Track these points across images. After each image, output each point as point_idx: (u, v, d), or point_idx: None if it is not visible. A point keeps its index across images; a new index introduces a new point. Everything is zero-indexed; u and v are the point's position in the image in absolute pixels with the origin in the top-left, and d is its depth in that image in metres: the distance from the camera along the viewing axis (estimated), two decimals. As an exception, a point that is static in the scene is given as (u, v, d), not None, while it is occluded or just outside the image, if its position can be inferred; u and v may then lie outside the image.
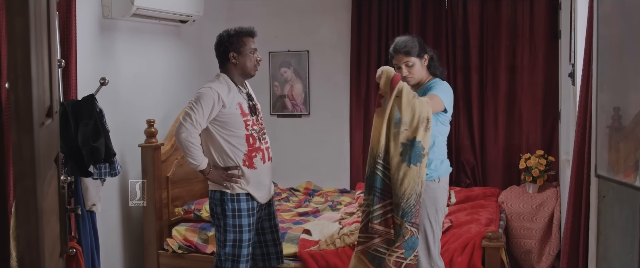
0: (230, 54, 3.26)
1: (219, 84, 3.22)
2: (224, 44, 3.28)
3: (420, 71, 3.24)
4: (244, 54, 3.27)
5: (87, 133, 3.13)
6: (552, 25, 4.87)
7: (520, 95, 5.01)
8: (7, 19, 1.23)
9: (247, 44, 3.28)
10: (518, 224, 4.48)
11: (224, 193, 3.23)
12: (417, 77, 3.25)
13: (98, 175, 3.31)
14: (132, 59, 4.30)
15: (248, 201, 3.24)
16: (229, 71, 3.29)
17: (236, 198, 3.23)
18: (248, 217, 3.24)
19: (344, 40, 5.32)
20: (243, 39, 3.27)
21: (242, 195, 3.23)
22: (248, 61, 3.28)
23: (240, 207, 3.23)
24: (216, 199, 3.26)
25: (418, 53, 3.22)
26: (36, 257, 1.28)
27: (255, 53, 3.31)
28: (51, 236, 1.64)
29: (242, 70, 3.29)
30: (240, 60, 3.27)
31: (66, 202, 2.18)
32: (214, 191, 3.27)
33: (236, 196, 3.22)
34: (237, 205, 3.23)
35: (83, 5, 3.68)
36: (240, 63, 3.27)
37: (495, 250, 3.67)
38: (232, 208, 3.22)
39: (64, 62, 3.16)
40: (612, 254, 2.47)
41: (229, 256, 3.23)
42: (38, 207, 1.29)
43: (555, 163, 4.76)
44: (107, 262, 3.92)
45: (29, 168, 1.26)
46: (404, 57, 3.21)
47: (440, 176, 3.18)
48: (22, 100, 1.25)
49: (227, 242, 3.23)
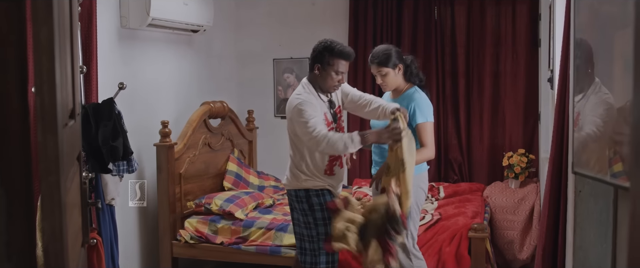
0: (317, 66, 3.10)
1: (307, 95, 3.06)
2: (317, 53, 3.11)
3: (394, 79, 3.27)
4: (328, 73, 3.07)
5: (106, 133, 3.13)
6: (532, 34, 4.88)
7: (503, 99, 5.02)
8: (33, 29, 1.23)
9: (336, 64, 3.06)
10: (501, 217, 4.49)
11: (308, 190, 3.08)
12: (391, 85, 3.28)
13: (116, 171, 3.31)
14: (148, 66, 4.30)
15: (331, 194, 3.12)
16: (313, 78, 3.14)
17: (320, 193, 3.09)
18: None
19: (342, 48, 5.32)
20: (335, 59, 3.06)
21: (324, 190, 3.10)
22: (329, 80, 3.08)
23: (325, 200, 3.08)
24: (301, 197, 3.10)
25: (392, 63, 3.23)
26: (60, 247, 1.28)
27: (340, 75, 3.09)
28: (74, 227, 1.64)
29: (321, 85, 3.12)
30: (322, 75, 3.09)
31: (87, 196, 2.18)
32: (298, 190, 3.11)
33: (320, 191, 3.09)
34: (322, 198, 3.08)
35: (103, 16, 3.68)
36: (320, 77, 3.10)
37: (481, 240, 3.67)
38: (319, 203, 3.07)
39: (85, 68, 3.16)
40: (587, 244, 2.47)
41: (324, 249, 3.08)
42: (62, 201, 1.29)
43: (535, 161, 4.77)
44: (125, 251, 3.92)
45: (53, 166, 1.26)
46: (378, 67, 3.24)
47: (415, 174, 3.15)
48: (47, 103, 1.25)
49: (320, 236, 3.08)
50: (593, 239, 2.40)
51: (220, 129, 4.72)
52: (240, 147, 5.04)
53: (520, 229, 4.43)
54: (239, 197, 4.26)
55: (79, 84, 2.13)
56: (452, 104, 5.11)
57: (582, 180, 2.46)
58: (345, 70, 3.10)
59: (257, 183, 4.81)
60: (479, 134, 5.08)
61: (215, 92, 5.12)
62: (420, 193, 3.24)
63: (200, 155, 4.44)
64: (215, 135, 4.65)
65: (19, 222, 0.94)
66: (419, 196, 3.22)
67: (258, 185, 4.80)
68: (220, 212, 4.11)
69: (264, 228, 3.99)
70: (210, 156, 4.59)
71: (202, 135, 4.47)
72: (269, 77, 5.55)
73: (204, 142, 4.48)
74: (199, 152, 4.43)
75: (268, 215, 4.16)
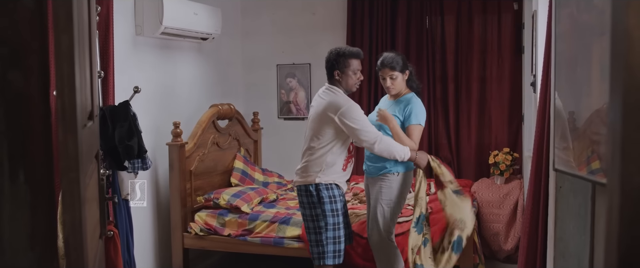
0: (335, 72, 3.12)
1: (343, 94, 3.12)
2: (332, 62, 3.13)
3: (401, 83, 3.27)
4: (347, 74, 3.11)
5: (122, 133, 3.13)
6: (516, 42, 4.87)
7: (489, 101, 5.01)
8: (55, 36, 1.23)
9: (351, 64, 3.10)
10: (488, 210, 4.48)
11: (319, 183, 3.10)
12: (398, 89, 3.28)
13: (132, 169, 3.30)
14: (161, 71, 4.29)
15: (338, 188, 3.16)
16: (335, 84, 3.16)
17: (330, 187, 3.11)
18: (341, 202, 3.16)
19: (340, 54, 5.32)
20: (349, 60, 3.11)
21: (332, 185, 3.13)
22: (350, 80, 3.12)
23: (334, 193, 3.12)
24: (311, 191, 3.11)
25: (401, 68, 3.23)
26: (79, 239, 1.28)
27: (358, 73, 3.14)
28: (92, 220, 1.64)
29: (344, 87, 3.15)
30: (343, 78, 3.12)
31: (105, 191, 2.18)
32: (308, 185, 3.12)
33: (329, 185, 3.12)
34: (331, 192, 3.11)
35: (119, 25, 3.68)
36: (343, 80, 3.13)
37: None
38: (329, 195, 3.10)
39: (103, 73, 3.16)
40: (567, 236, 2.47)
41: (331, 239, 3.11)
42: (81, 196, 1.29)
43: (519, 159, 4.76)
44: (140, 242, 3.92)
45: (73, 164, 1.26)
46: (390, 71, 3.23)
47: (399, 171, 3.23)
48: (68, 106, 1.25)
49: (328, 226, 3.10)
50: (573, 231, 2.40)
51: (227, 130, 4.72)
52: (246, 146, 5.04)
53: (505, 222, 4.42)
54: (245, 192, 4.26)
55: (97, 87, 2.13)
56: (442, 106, 5.11)
57: (562, 177, 2.46)
58: (360, 67, 3.15)
59: (262, 180, 4.81)
60: (467, 134, 5.08)
61: (223, 95, 5.12)
62: (408, 189, 3.32)
63: (209, 154, 4.44)
64: (223, 135, 4.64)
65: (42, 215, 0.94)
66: (407, 191, 3.31)
67: (263, 181, 4.80)
68: (227, 206, 4.10)
69: (268, 221, 3.98)
70: (218, 154, 4.59)
71: (211, 135, 4.46)
72: (273, 82, 5.55)
73: (212, 142, 4.48)
74: (208, 150, 4.42)
75: (272, 209, 4.16)
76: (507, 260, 4.44)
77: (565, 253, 2.49)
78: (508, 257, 4.44)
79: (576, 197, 2.35)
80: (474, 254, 3.70)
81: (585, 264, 2.24)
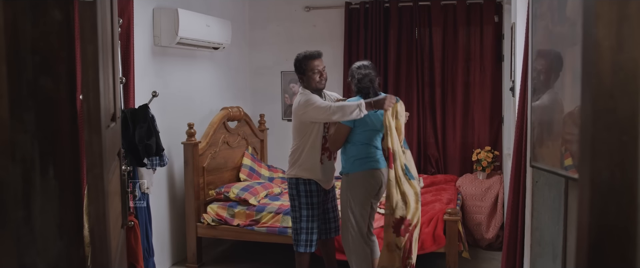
0: (299, 76, 3.17)
1: (309, 93, 3.12)
2: (295, 69, 3.18)
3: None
4: (308, 75, 3.14)
5: (142, 133, 3.13)
6: (497, 51, 4.88)
7: (472, 104, 5.02)
8: (81, 46, 1.23)
9: (309, 65, 3.12)
10: (471, 203, 4.48)
11: (298, 179, 3.14)
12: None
13: (150, 165, 3.31)
14: (177, 77, 4.29)
15: (316, 184, 3.17)
16: (305, 87, 3.18)
17: (307, 182, 3.15)
18: (317, 196, 3.16)
19: (338, 62, 5.32)
20: (306, 62, 3.13)
21: (311, 180, 3.15)
22: (312, 80, 3.14)
23: (311, 188, 3.15)
24: (293, 184, 3.17)
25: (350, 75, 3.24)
26: (103, 228, 1.28)
27: (318, 71, 3.12)
28: (115, 212, 1.64)
29: (312, 87, 3.16)
30: (306, 80, 3.15)
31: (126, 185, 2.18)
32: (291, 178, 3.18)
33: (307, 181, 3.15)
34: (308, 187, 3.14)
35: (139, 35, 3.68)
36: (307, 82, 3.16)
37: (454, 222, 3.67)
38: (305, 190, 3.14)
39: (124, 79, 3.16)
40: (543, 225, 2.47)
41: (304, 229, 3.14)
42: (105, 189, 1.29)
43: (499, 156, 4.77)
44: (158, 232, 3.92)
45: (97, 160, 1.26)
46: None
47: (350, 172, 3.12)
48: (93, 108, 1.25)
49: (302, 217, 3.14)
50: (548, 221, 2.40)
51: (237, 130, 4.72)
52: (254, 145, 5.04)
53: (487, 213, 4.42)
54: (253, 187, 4.25)
55: (119, 92, 2.13)
56: (430, 108, 5.11)
57: (538, 173, 2.46)
58: (320, 66, 3.14)
59: (268, 175, 4.81)
60: (452, 134, 5.08)
61: (233, 99, 5.12)
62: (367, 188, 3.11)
63: (220, 152, 4.44)
64: (233, 135, 4.64)
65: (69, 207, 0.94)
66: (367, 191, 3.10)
67: (268, 176, 4.80)
68: (237, 199, 4.10)
69: (273, 212, 3.98)
70: (228, 152, 4.59)
71: (222, 135, 4.46)
72: (278, 87, 5.55)
73: (223, 141, 4.48)
74: (219, 149, 4.42)
75: (276, 202, 4.16)
76: (489, 248, 4.44)
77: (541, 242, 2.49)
78: (490, 244, 4.44)
79: (551, 191, 2.35)
80: (459, 242, 3.70)
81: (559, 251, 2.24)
